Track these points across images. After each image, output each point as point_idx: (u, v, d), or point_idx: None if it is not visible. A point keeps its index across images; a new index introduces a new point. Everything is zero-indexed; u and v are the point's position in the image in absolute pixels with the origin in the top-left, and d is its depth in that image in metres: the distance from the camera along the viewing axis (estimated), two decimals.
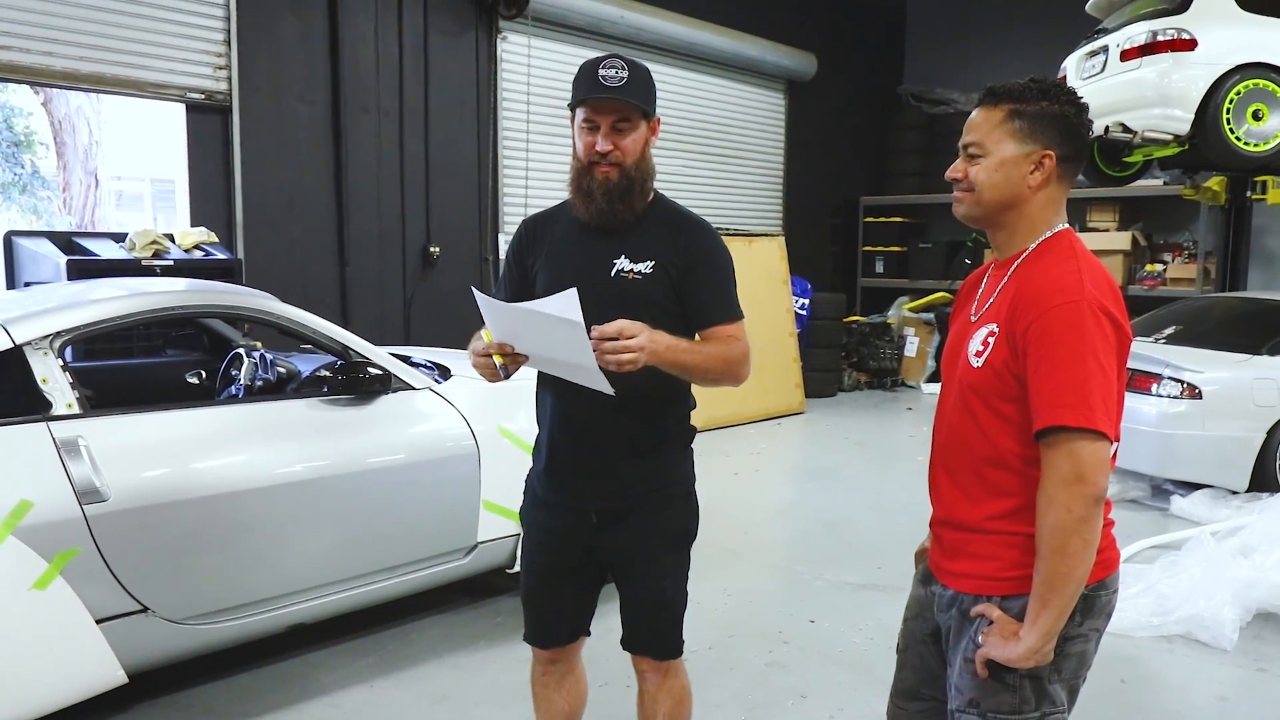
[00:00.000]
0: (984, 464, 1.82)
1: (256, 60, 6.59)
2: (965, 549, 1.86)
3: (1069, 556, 1.66)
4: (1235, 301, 7.11)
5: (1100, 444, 1.66)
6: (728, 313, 2.27)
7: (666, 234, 2.25)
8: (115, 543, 2.92)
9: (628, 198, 2.20)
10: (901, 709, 2.07)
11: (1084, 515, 1.66)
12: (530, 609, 2.46)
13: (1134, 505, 6.05)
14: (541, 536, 2.40)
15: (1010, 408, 1.77)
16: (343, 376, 3.54)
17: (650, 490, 2.31)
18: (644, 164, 2.23)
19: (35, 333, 3.01)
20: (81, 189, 12.07)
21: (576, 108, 2.20)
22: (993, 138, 1.81)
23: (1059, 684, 1.79)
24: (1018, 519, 1.78)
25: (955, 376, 1.89)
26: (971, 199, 1.84)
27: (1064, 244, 1.82)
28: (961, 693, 1.83)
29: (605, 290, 2.17)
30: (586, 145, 2.18)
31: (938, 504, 1.96)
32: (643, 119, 2.20)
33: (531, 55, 8.22)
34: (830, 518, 5.82)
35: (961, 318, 1.97)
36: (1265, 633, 4.06)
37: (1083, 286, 1.71)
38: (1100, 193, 9.69)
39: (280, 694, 3.46)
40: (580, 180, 2.22)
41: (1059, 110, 1.79)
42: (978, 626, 1.81)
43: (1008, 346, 1.75)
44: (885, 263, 11.90)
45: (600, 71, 2.13)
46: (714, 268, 2.27)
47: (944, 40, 12.16)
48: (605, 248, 2.24)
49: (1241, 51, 6.41)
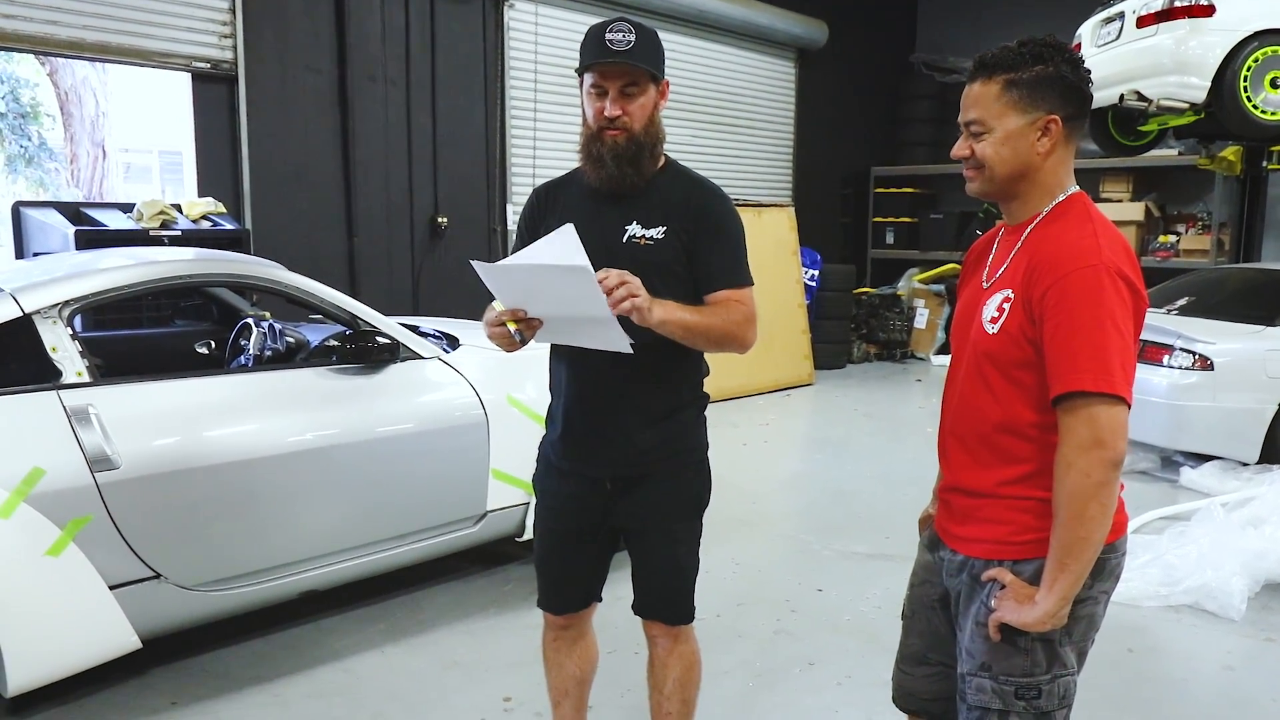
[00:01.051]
0: (996, 430, 1.82)
1: (262, 29, 6.55)
2: (976, 514, 1.86)
3: (1087, 521, 1.66)
4: (1249, 273, 7.05)
5: (1119, 409, 1.66)
6: (736, 277, 2.25)
7: (678, 199, 2.24)
8: (127, 510, 2.94)
9: (637, 162, 2.18)
10: (908, 674, 2.09)
11: (1102, 480, 1.65)
12: (544, 575, 2.47)
13: (1144, 476, 6.04)
14: (556, 503, 2.41)
15: (1025, 374, 1.76)
16: (351, 346, 3.55)
17: (664, 457, 2.31)
18: (653, 128, 2.21)
19: (44, 301, 3.02)
20: (89, 160, 12.05)
21: (584, 73, 2.17)
22: (993, 112, 1.78)
23: (1069, 646, 1.81)
24: (1029, 484, 1.79)
25: (969, 343, 1.88)
26: (983, 177, 1.83)
27: (1078, 207, 1.80)
28: (973, 656, 1.84)
29: (617, 256, 2.15)
30: (595, 111, 2.16)
31: (947, 470, 1.96)
32: (651, 83, 2.18)
33: (539, 23, 8.16)
34: (838, 488, 5.83)
35: (973, 284, 1.95)
36: (1273, 603, 4.06)
37: (1100, 251, 1.70)
38: (1114, 163, 9.59)
39: (293, 659, 3.49)
40: (590, 146, 2.20)
41: (1055, 71, 1.76)
42: (989, 591, 1.81)
43: (1024, 312, 1.74)
44: (896, 234, 11.83)
45: (608, 35, 2.11)
46: (724, 233, 2.26)
47: (957, 8, 12.02)
48: (617, 213, 2.23)
49: (1260, 18, 6.30)
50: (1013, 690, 1.79)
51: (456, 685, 3.35)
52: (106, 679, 3.25)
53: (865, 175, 12.04)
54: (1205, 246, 9.24)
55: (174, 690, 3.26)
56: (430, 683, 3.37)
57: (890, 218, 11.86)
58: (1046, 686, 1.79)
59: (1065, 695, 1.81)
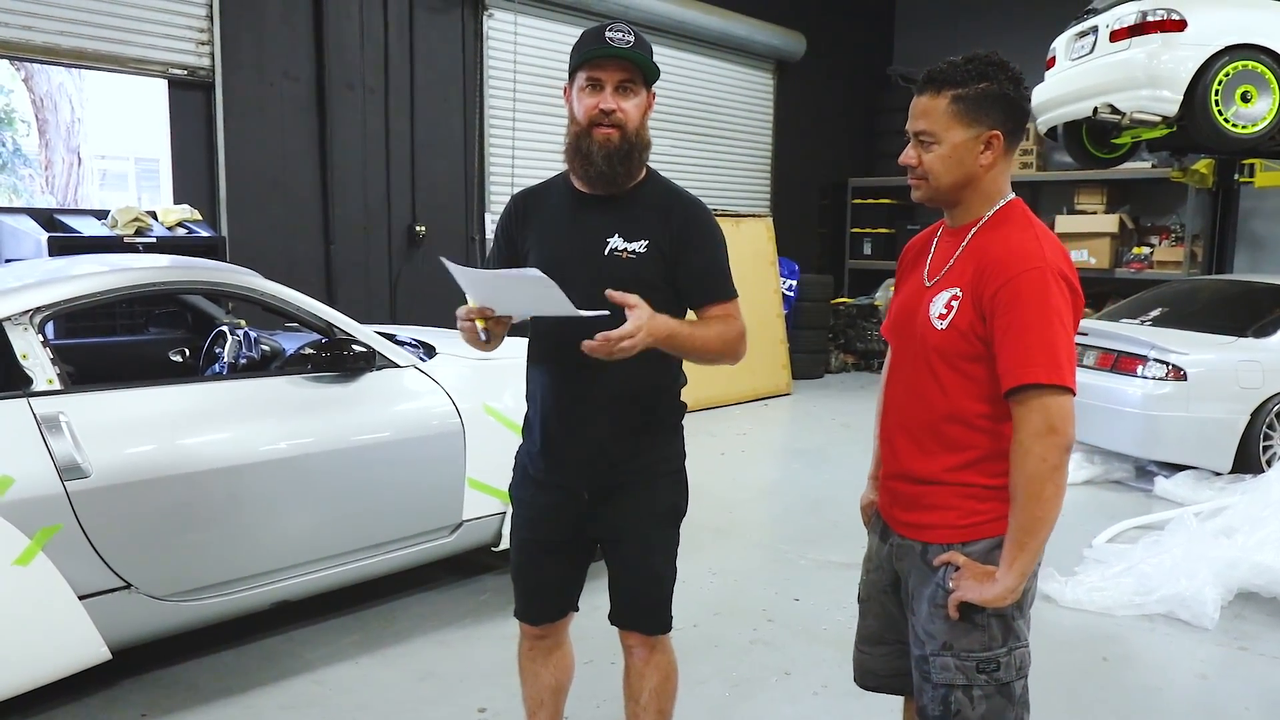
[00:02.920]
0: (944, 420, 1.93)
1: (240, 36, 6.52)
2: (922, 500, 1.98)
3: (1044, 502, 1.79)
4: (1221, 284, 7.13)
5: (1067, 398, 1.78)
6: (724, 291, 2.27)
7: (659, 212, 2.23)
8: (97, 519, 2.90)
9: (627, 162, 2.18)
10: (866, 653, 2.22)
11: (1057, 463, 1.78)
12: (520, 585, 2.46)
13: (1118, 486, 6.09)
14: (532, 513, 2.39)
15: (974, 367, 1.88)
16: (327, 354, 3.53)
17: (641, 467, 2.31)
18: (644, 132, 2.20)
19: (15, 308, 2.98)
20: (64, 167, 11.94)
21: (579, 69, 2.16)
22: (941, 124, 1.89)
23: (1021, 620, 1.93)
24: (974, 470, 1.91)
25: (914, 337, 1.98)
26: (928, 185, 1.95)
27: (1018, 213, 1.93)
28: (934, 637, 1.93)
29: (598, 269, 2.15)
30: (588, 106, 2.15)
31: (891, 459, 2.06)
32: (644, 86, 2.19)
33: (518, 33, 8.16)
34: (815, 497, 5.84)
35: (912, 281, 2.06)
36: (1246, 612, 4.10)
37: (1043, 253, 1.83)
38: (1088, 175, 9.69)
39: (265, 671, 3.45)
40: (579, 143, 2.17)
41: (998, 89, 1.88)
42: (944, 574, 1.92)
43: (974, 310, 1.86)
44: (873, 244, 11.89)
45: (608, 33, 2.12)
46: (709, 246, 2.26)
47: (934, 21, 12.12)
48: (599, 225, 2.21)
49: (1231, 33, 6.40)
50: (974, 665, 1.90)
51: (431, 696, 3.32)
52: (76, 691, 3.20)
53: (843, 186, 12.10)
54: (1178, 258, 9.33)
55: (145, 702, 3.22)
56: (405, 694, 3.34)
57: (868, 228, 11.92)
58: (1004, 659, 1.90)
59: (1021, 666, 1.92)
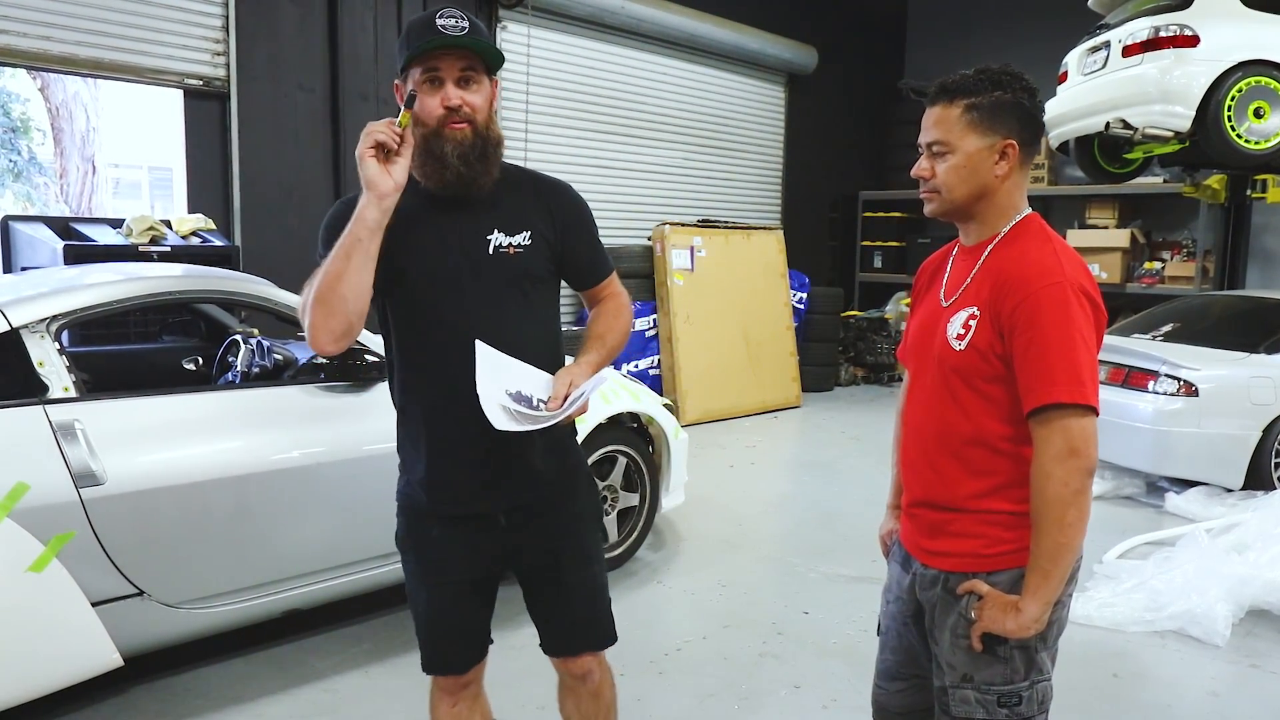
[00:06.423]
0: (965, 444, 1.86)
1: (255, 47, 6.57)
2: (947, 528, 1.90)
3: (1067, 527, 1.71)
4: (1233, 300, 7.11)
5: (1090, 419, 1.72)
6: (608, 266, 2.24)
7: (532, 200, 2.12)
8: (111, 526, 2.92)
9: (485, 160, 2.00)
10: (883, 689, 2.15)
11: (1080, 487, 1.71)
12: (435, 636, 2.23)
13: (1129, 502, 6.06)
14: (439, 554, 2.15)
15: (994, 388, 1.81)
16: (339, 363, 3.54)
17: (560, 474, 2.18)
18: (495, 125, 2.04)
19: (32, 316, 3.01)
20: (79, 176, 12.04)
21: (413, 63, 1.94)
22: (955, 133, 1.84)
23: (1045, 652, 1.85)
24: (999, 496, 1.83)
25: (932, 359, 1.92)
26: (941, 199, 1.90)
27: (1035, 228, 1.88)
28: (954, 668, 1.87)
29: (484, 267, 2.02)
30: (431, 106, 1.94)
31: (914, 485, 1.99)
32: (486, 74, 2.00)
33: (531, 45, 8.21)
34: (826, 510, 5.83)
35: (928, 301, 2.01)
36: (1258, 629, 4.08)
37: (1063, 269, 1.77)
38: (1100, 190, 9.68)
39: (275, 679, 3.46)
40: (429, 145, 1.95)
41: (1013, 98, 1.84)
42: (967, 603, 1.85)
43: (992, 329, 1.79)
44: (884, 257, 11.89)
45: (439, 21, 1.91)
46: (587, 225, 2.20)
47: (945, 34, 12.14)
48: (473, 225, 2.04)
49: (1244, 48, 6.40)
50: (995, 699, 1.83)
51: None
52: (88, 697, 3.22)
53: (854, 199, 12.11)
54: (1190, 273, 9.31)
55: (156, 709, 3.23)
56: (414, 704, 3.34)
57: (878, 241, 11.93)
58: (1026, 693, 1.83)
59: (1044, 700, 1.85)
